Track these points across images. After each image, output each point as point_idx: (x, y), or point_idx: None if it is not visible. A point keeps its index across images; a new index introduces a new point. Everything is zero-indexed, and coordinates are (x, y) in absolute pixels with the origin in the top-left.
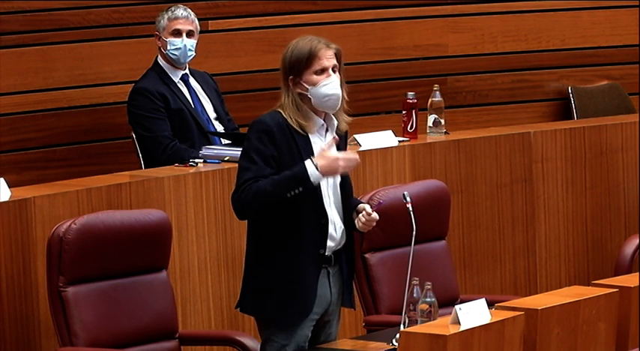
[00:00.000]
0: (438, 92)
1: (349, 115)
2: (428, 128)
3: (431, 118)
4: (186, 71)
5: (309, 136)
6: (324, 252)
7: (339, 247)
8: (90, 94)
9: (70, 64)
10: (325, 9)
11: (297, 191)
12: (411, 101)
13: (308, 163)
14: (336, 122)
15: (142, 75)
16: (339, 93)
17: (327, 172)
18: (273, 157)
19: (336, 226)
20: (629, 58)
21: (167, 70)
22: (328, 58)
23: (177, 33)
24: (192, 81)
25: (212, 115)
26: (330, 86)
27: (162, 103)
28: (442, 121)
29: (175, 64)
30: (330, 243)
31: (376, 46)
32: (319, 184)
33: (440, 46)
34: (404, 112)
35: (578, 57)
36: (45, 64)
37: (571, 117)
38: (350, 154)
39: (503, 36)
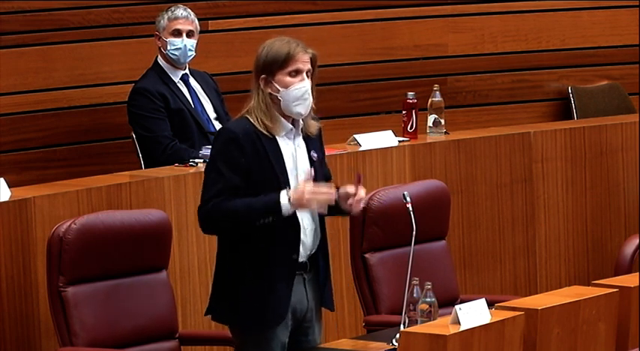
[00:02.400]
0: (438, 92)
1: (319, 119)
2: (428, 128)
3: (431, 118)
4: (186, 71)
5: (277, 139)
6: (297, 257)
7: (313, 251)
8: (90, 94)
9: (70, 64)
10: (325, 9)
11: (267, 220)
12: (411, 101)
13: (283, 195)
14: (302, 124)
15: (141, 75)
16: (310, 98)
17: (298, 207)
18: (241, 164)
19: (306, 231)
20: (629, 58)
21: (167, 70)
22: (304, 62)
23: (177, 33)
24: (192, 81)
25: (212, 115)
26: (302, 90)
27: (162, 103)
28: (442, 121)
29: (175, 64)
30: (301, 249)
31: (376, 46)
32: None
33: (440, 46)
34: (404, 112)
35: (578, 57)
36: (45, 64)
37: (571, 117)
38: (323, 190)
39: (503, 36)
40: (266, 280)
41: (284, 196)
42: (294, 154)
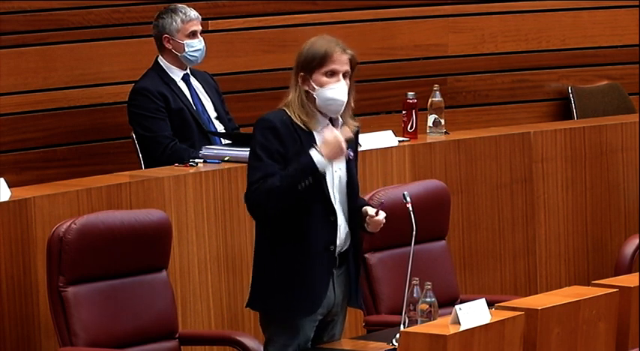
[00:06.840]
0: (438, 92)
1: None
2: (428, 128)
3: (431, 118)
4: (187, 71)
5: (314, 133)
6: (335, 248)
7: (344, 248)
8: (90, 94)
9: (70, 64)
10: (325, 9)
11: (307, 182)
12: (411, 101)
13: (313, 151)
14: (341, 121)
15: (142, 75)
16: (343, 99)
17: (330, 156)
18: (279, 152)
19: (340, 227)
20: (629, 58)
21: (168, 70)
22: (341, 63)
23: (193, 34)
24: (193, 81)
25: (212, 114)
26: (336, 91)
27: (163, 103)
28: (442, 121)
29: (190, 65)
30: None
31: (376, 46)
32: (326, 182)
33: (440, 46)
34: (404, 112)
35: (578, 57)
36: (45, 64)
37: (571, 117)
38: (342, 132)
39: (503, 36)
40: (302, 271)
41: (315, 153)
42: None
